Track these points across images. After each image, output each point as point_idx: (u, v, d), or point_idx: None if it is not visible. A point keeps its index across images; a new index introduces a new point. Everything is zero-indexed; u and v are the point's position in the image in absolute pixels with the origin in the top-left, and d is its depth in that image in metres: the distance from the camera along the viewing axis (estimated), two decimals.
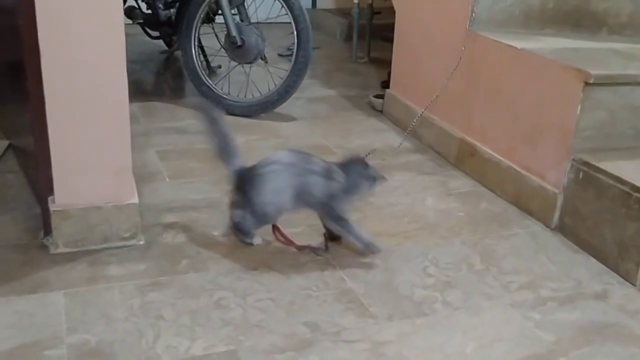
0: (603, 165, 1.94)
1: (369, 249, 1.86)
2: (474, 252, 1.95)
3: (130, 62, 3.93)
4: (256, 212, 1.83)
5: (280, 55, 3.99)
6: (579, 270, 1.88)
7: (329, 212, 1.84)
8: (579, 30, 2.57)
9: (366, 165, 1.88)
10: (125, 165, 1.82)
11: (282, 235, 1.92)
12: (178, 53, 3.55)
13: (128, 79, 1.76)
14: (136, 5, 3.45)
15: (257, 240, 1.90)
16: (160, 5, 3.30)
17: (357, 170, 1.85)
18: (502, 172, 2.32)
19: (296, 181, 1.79)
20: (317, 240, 1.92)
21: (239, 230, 1.88)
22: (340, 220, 1.83)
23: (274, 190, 1.80)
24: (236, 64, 3.05)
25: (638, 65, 2.14)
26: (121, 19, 1.71)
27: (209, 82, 3.05)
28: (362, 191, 1.86)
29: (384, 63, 3.27)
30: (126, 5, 3.38)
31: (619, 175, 1.88)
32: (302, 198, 1.81)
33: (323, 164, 1.83)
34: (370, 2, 4.15)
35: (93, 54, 1.69)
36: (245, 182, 1.82)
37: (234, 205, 1.86)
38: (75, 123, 1.73)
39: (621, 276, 1.86)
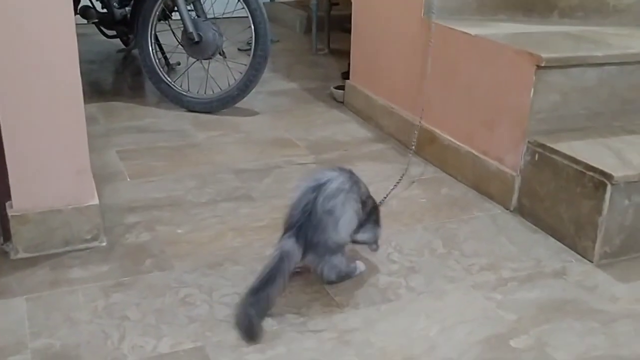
0: (557, 146, 1.99)
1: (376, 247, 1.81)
2: (436, 237, 1.98)
3: (87, 62, 3.89)
4: (336, 250, 1.65)
5: (240, 50, 3.98)
6: (538, 250, 1.93)
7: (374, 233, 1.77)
8: (532, 15, 2.61)
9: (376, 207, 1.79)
10: (83, 166, 1.81)
11: None
12: (136, 51, 3.51)
13: (86, 80, 1.75)
14: (91, 5, 3.40)
15: (362, 267, 1.77)
16: (115, 4, 3.26)
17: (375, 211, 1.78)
18: (461, 158, 2.36)
19: (358, 206, 1.67)
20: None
21: (346, 279, 1.73)
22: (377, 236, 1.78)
23: (348, 222, 1.64)
24: (195, 60, 3.03)
25: (588, 46, 2.19)
26: (72, 18, 1.69)
27: (168, 79, 3.03)
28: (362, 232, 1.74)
29: (344, 54, 3.28)
30: (80, 5, 3.34)
31: (572, 155, 1.93)
32: (361, 220, 1.70)
33: (364, 187, 1.73)
34: None
35: (44, 55, 1.67)
36: (312, 231, 1.58)
37: (313, 264, 1.66)
38: (30, 126, 1.71)
39: (579, 253, 1.90)
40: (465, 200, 2.24)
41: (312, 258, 1.63)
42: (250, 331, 1.51)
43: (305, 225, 1.58)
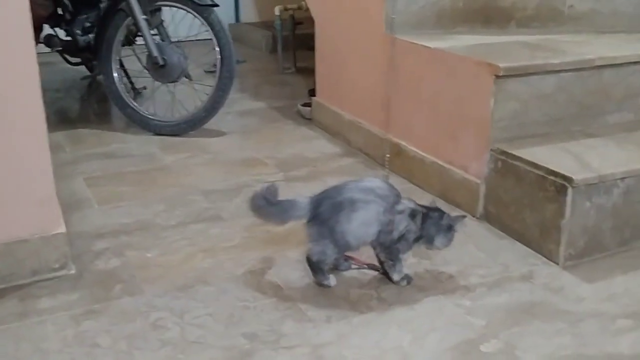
0: (519, 152, 2.03)
1: (406, 281, 1.80)
2: None
3: (52, 90, 3.87)
4: (338, 242, 1.67)
5: (206, 71, 3.98)
6: (505, 255, 1.96)
7: (393, 252, 1.75)
8: (490, 26, 2.67)
9: (442, 214, 1.77)
10: (48, 195, 1.80)
11: (356, 260, 1.85)
12: (101, 77, 3.50)
13: (51, 108, 1.75)
14: (54, 33, 3.38)
15: (332, 282, 1.76)
16: (78, 31, 3.24)
17: (433, 220, 1.75)
18: (427, 168, 2.40)
19: (384, 218, 1.67)
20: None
21: (317, 270, 1.74)
22: (396, 259, 1.76)
23: (363, 222, 1.66)
24: (161, 83, 3.04)
25: (545, 55, 2.24)
26: (32, 47, 1.69)
27: (133, 104, 3.03)
28: (434, 243, 1.75)
29: (311, 72, 3.31)
30: (44, 34, 3.32)
31: (534, 161, 1.97)
32: (381, 236, 1.70)
33: (409, 205, 1.73)
34: (291, 13, 4.19)
35: (5, 85, 1.66)
36: (327, 208, 1.65)
37: (310, 238, 1.71)
38: None
39: (545, 256, 1.94)
40: None
41: (314, 232, 1.70)
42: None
43: (325, 195, 1.69)
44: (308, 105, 3.27)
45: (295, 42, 4.25)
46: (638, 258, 1.95)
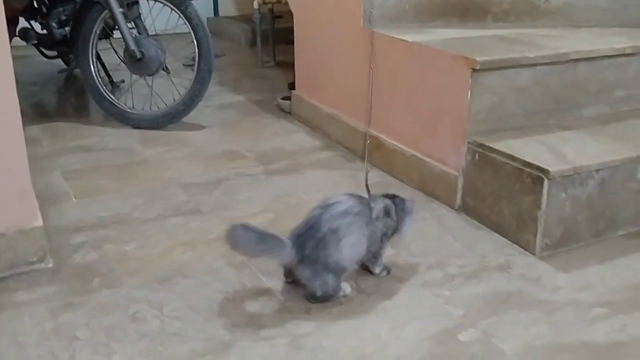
0: (496, 145, 2.05)
1: (386, 272, 1.81)
2: None
3: (29, 84, 3.82)
4: (336, 271, 1.64)
5: (185, 65, 3.97)
6: (483, 246, 1.99)
7: (378, 252, 1.76)
8: (466, 20, 2.69)
9: (402, 199, 1.79)
10: (25, 188, 1.78)
11: None
12: (78, 71, 3.47)
13: (28, 102, 1.73)
14: (30, 26, 3.34)
15: (348, 290, 1.72)
16: (54, 25, 3.21)
17: (399, 207, 1.76)
18: (406, 161, 2.41)
19: (368, 231, 1.67)
20: None
21: (327, 299, 1.68)
22: (379, 255, 1.77)
23: (352, 245, 1.64)
24: (138, 77, 3.02)
25: (521, 48, 2.27)
26: (6, 40, 1.67)
27: (111, 97, 3.01)
28: (403, 229, 1.77)
29: (290, 65, 3.31)
30: (19, 27, 3.28)
31: (511, 153, 1.99)
32: (371, 247, 1.71)
33: (380, 206, 1.72)
34: (270, 7, 4.18)
35: None
36: (313, 248, 1.60)
37: (305, 279, 1.65)
38: None
39: (522, 247, 1.97)
40: None
41: (308, 272, 1.63)
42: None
43: (305, 236, 1.61)
44: (287, 98, 3.27)
45: (275, 35, 4.24)
46: (613, 248, 1.99)
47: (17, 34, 3.20)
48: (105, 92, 3.00)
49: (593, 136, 2.16)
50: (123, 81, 3.46)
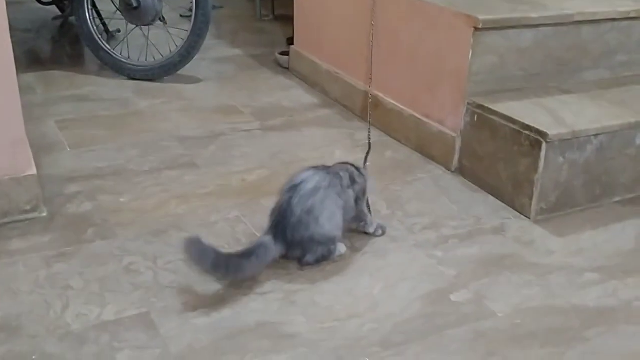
0: (495, 107, 2.04)
1: (381, 231, 1.82)
2: (380, 199, 2.01)
3: (22, 31, 3.75)
4: (326, 242, 1.65)
5: (182, 16, 3.89)
6: (478, 208, 1.99)
7: (360, 216, 1.77)
8: None
9: (357, 166, 1.80)
10: (19, 136, 1.76)
11: None
12: (73, 19, 3.40)
13: (22, 49, 1.70)
14: None
15: (343, 249, 1.72)
16: None
17: (359, 171, 1.79)
18: (404, 121, 2.39)
19: (342, 201, 1.67)
20: None
21: (326, 260, 1.68)
22: (365, 217, 1.78)
23: (329, 218, 1.63)
24: (134, 26, 2.96)
25: (525, 8, 2.22)
26: None
27: (107, 46, 2.95)
28: (369, 190, 1.79)
29: (290, 20, 3.26)
30: None
31: (510, 115, 1.98)
32: (347, 215, 1.70)
33: (346, 172, 1.72)
34: None
35: None
36: (297, 234, 1.60)
37: (297, 256, 1.65)
38: None
39: (517, 210, 1.97)
40: (409, 162, 2.27)
41: (298, 252, 1.64)
42: (203, 256, 1.52)
43: (282, 224, 1.60)
44: (286, 54, 3.22)
45: None
46: (607, 214, 1.99)
47: None
48: (100, 41, 2.95)
49: (593, 101, 2.14)
50: (119, 30, 3.40)
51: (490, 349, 1.42)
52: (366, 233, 1.81)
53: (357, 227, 1.80)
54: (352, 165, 1.80)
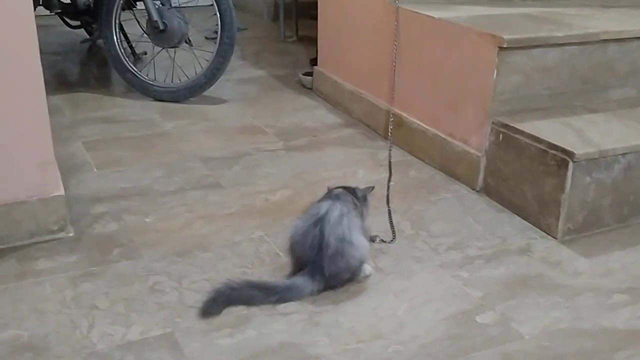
0: (521, 126, 2.02)
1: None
2: (404, 219, 2.00)
3: (51, 53, 3.83)
4: (357, 268, 1.65)
5: (207, 38, 3.95)
6: (504, 228, 1.96)
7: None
8: None
9: (354, 189, 1.78)
10: (47, 157, 1.79)
11: None
12: (101, 41, 3.47)
13: (50, 71, 1.73)
14: None
15: (368, 271, 1.70)
16: None
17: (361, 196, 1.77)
18: (428, 140, 2.39)
19: (361, 221, 1.68)
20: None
21: (356, 277, 1.68)
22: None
23: (360, 241, 1.62)
24: (161, 49, 3.01)
25: (549, 27, 2.22)
26: (31, 9, 1.67)
27: (133, 68, 3.00)
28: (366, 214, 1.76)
29: (313, 41, 3.28)
30: None
31: (535, 134, 1.96)
32: (365, 235, 1.69)
33: (349, 196, 1.71)
34: None
35: (3, 46, 1.64)
36: (329, 263, 1.58)
37: (337, 285, 1.65)
38: None
39: (543, 230, 1.94)
40: (433, 182, 2.26)
41: (337, 282, 1.63)
42: (210, 305, 1.53)
43: (318, 260, 1.58)
44: (309, 74, 3.24)
45: (298, 10, 4.20)
46: (636, 234, 1.96)
47: (40, 2, 3.20)
48: (127, 63, 3.00)
49: (620, 119, 2.12)
50: (145, 53, 3.46)
51: None
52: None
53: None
54: (352, 189, 1.76)
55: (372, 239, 1.79)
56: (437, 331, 1.51)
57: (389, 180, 2.18)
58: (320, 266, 1.59)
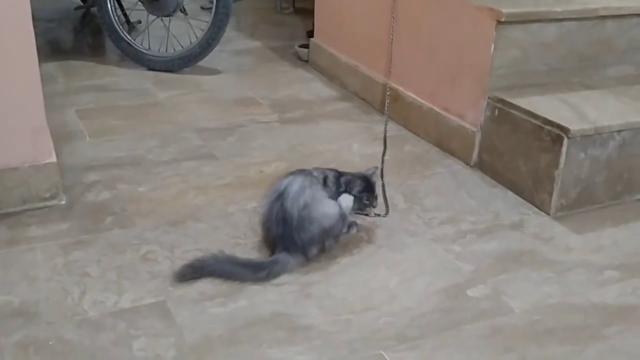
0: (517, 101, 2.01)
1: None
2: (398, 193, 2.00)
3: (45, 20, 3.78)
4: (332, 232, 1.64)
5: (202, 8, 3.90)
6: (497, 204, 1.97)
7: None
8: None
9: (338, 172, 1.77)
10: (39, 124, 1.77)
11: None
12: (95, 9, 3.42)
13: (44, 39, 1.71)
14: None
15: (353, 230, 1.76)
16: None
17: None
18: (424, 115, 2.37)
19: (326, 194, 1.66)
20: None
21: (337, 236, 1.69)
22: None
23: (327, 204, 1.63)
24: (155, 17, 2.97)
25: (548, 2, 2.19)
26: None
27: (128, 37, 2.96)
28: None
29: (309, 13, 3.25)
30: None
31: (531, 110, 1.95)
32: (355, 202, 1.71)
33: (322, 173, 1.71)
34: None
35: None
36: (297, 233, 1.58)
37: (317, 254, 1.65)
38: None
39: (536, 206, 1.95)
40: (428, 156, 2.26)
41: (315, 250, 1.63)
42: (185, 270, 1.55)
43: (287, 234, 1.58)
44: (305, 46, 3.21)
45: None
46: (629, 211, 1.96)
47: None
48: (121, 31, 2.96)
49: (617, 96, 2.11)
50: (140, 22, 3.41)
51: (507, 345, 1.40)
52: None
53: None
54: (335, 171, 1.74)
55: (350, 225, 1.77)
56: (428, 304, 1.52)
57: (384, 155, 2.17)
58: (291, 239, 1.58)
